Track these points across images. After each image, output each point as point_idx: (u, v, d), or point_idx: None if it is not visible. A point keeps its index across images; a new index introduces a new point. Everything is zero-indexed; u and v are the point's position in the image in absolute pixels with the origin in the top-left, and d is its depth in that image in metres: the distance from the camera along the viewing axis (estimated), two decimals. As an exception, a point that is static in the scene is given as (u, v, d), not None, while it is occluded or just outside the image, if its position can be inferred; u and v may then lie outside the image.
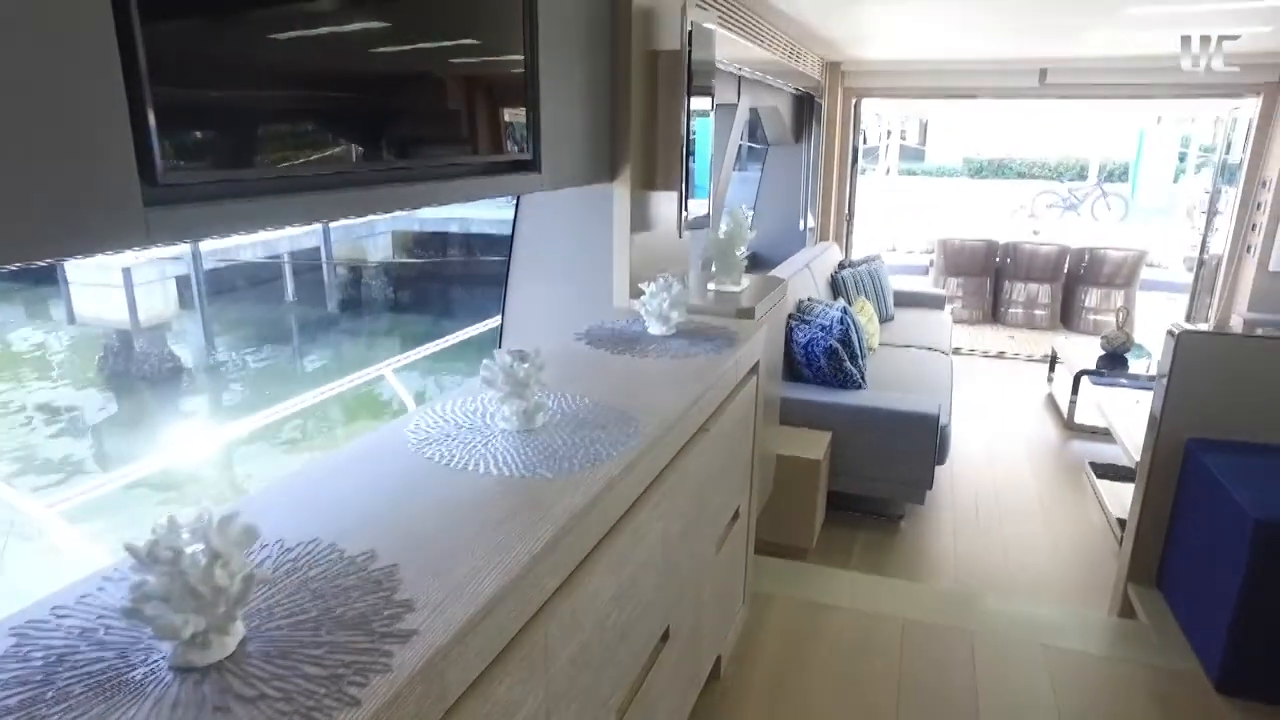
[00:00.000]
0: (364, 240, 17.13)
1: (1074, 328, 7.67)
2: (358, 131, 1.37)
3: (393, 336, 15.08)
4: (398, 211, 1.71)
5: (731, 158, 4.61)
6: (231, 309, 14.81)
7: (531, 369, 1.41)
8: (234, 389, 12.27)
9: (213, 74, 1.06)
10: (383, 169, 1.42)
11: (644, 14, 2.37)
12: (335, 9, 1.27)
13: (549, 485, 1.22)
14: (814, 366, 3.69)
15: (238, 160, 1.11)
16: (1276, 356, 2.51)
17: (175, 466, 9.64)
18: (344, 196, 1.32)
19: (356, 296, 17.03)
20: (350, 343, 15.02)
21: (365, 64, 1.35)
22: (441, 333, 13.53)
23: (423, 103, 1.53)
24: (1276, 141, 5.45)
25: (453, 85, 1.61)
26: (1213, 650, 2.32)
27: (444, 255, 17.24)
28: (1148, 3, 3.49)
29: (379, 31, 1.38)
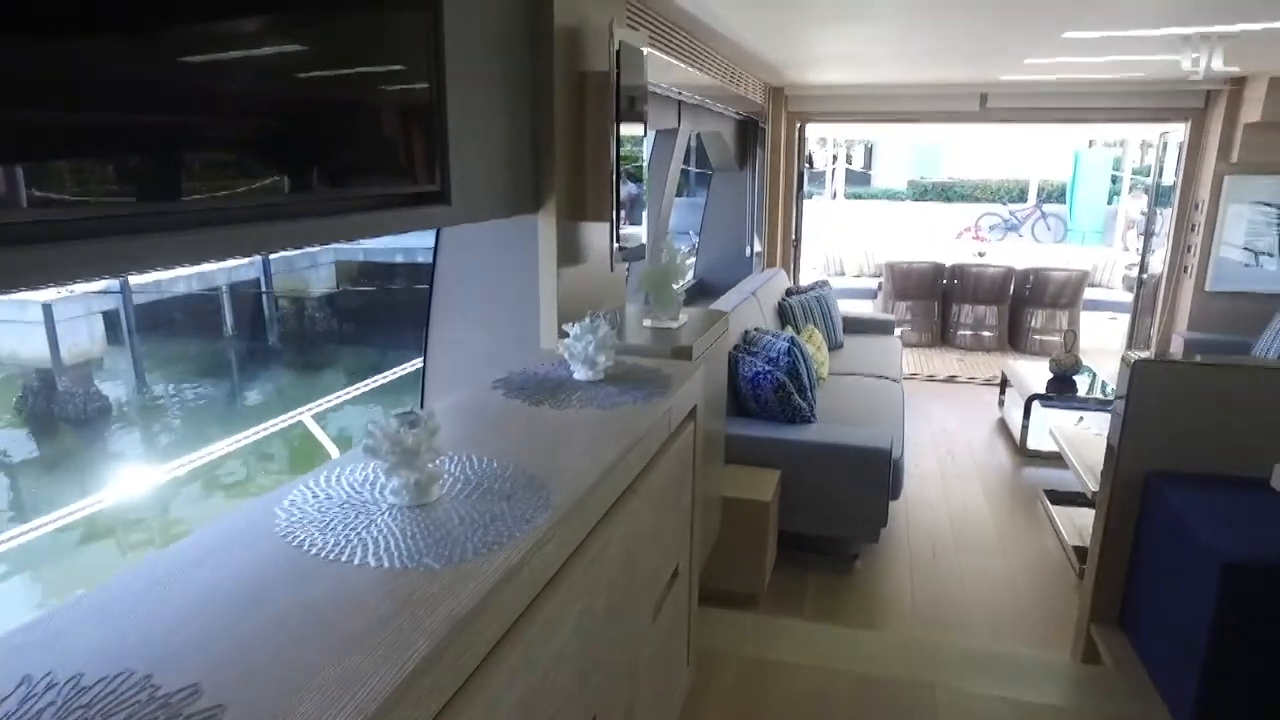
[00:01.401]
0: (307, 271, 16.70)
1: (1021, 349, 7.70)
2: (235, 162, 1.19)
3: (336, 370, 14.66)
4: (278, 252, 1.52)
5: (673, 184, 4.48)
6: (166, 344, 14.25)
7: (423, 434, 1.22)
8: (168, 428, 11.73)
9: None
10: (254, 206, 1.23)
11: (568, 34, 2.21)
12: (200, 33, 1.08)
13: (434, 580, 1.02)
14: (761, 401, 3.54)
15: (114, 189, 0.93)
16: (1234, 383, 2.42)
17: (104, 511, 9.13)
18: (202, 237, 1.13)
19: (299, 329, 16.56)
20: (292, 377, 14.55)
21: (244, 88, 1.17)
22: (388, 364, 13.17)
23: (307, 131, 1.34)
24: (1205, 166, 5.52)
25: (343, 112, 1.42)
26: (1182, 699, 2.19)
27: (390, 285, 16.89)
28: (1084, 29, 3.46)
29: (265, 57, 1.21)
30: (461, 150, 1.76)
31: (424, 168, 1.65)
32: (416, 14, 1.57)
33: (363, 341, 15.92)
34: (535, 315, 2.33)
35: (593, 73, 2.30)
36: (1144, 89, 5.47)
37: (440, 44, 1.63)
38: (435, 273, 2.41)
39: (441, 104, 1.66)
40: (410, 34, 1.58)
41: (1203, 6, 3.07)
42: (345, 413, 11.54)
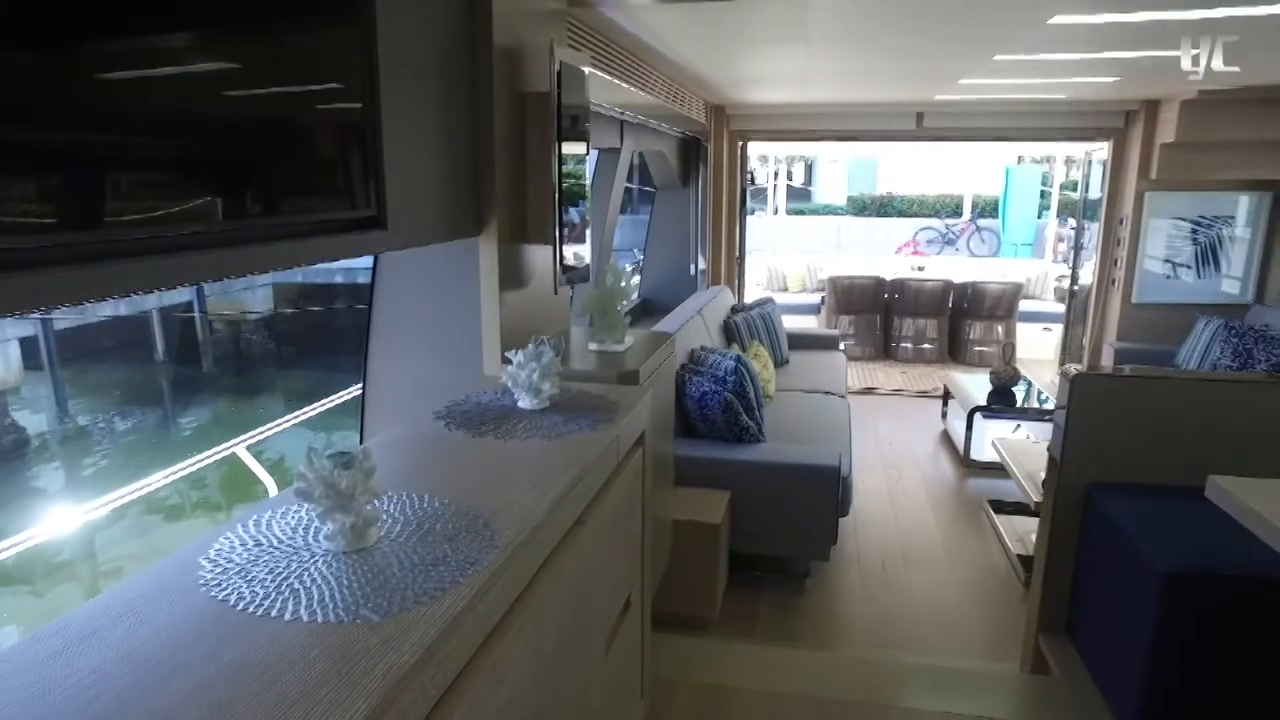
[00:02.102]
0: (243, 293, 16.22)
1: (961, 360, 7.86)
2: (161, 187, 1.12)
3: (274, 395, 14.23)
4: (208, 282, 1.44)
5: (617, 204, 4.46)
6: (92, 371, 13.67)
7: (358, 475, 1.15)
8: (94, 460, 11.21)
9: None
10: (184, 234, 1.16)
11: (508, 54, 2.17)
12: (119, 49, 1.02)
13: (372, 633, 0.96)
14: (709, 421, 3.52)
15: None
16: (1167, 394, 2.49)
17: (21, 554, 8.62)
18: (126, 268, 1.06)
19: (235, 353, 16.07)
20: (228, 403, 14.08)
21: (169, 107, 1.11)
22: (330, 389, 12.81)
23: (238, 155, 1.28)
24: (1127, 182, 5.74)
25: (275, 134, 1.36)
26: (1128, 708, 2.22)
27: (330, 306, 16.51)
28: (1014, 52, 3.56)
29: (191, 75, 1.15)
30: (399, 173, 1.70)
31: (360, 192, 1.59)
32: (347, 32, 1.51)
33: (302, 365, 15.51)
34: (477, 341, 2.27)
35: (533, 93, 2.27)
36: (1069, 109, 5.68)
37: (374, 63, 1.58)
38: (373, 298, 2.33)
39: (376, 126, 1.60)
40: (342, 53, 1.52)
41: (1114, 35, 3.19)
42: (285, 438, 11.18)
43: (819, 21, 3.04)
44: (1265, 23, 2.92)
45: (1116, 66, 4.07)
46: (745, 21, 3.08)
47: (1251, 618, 2.03)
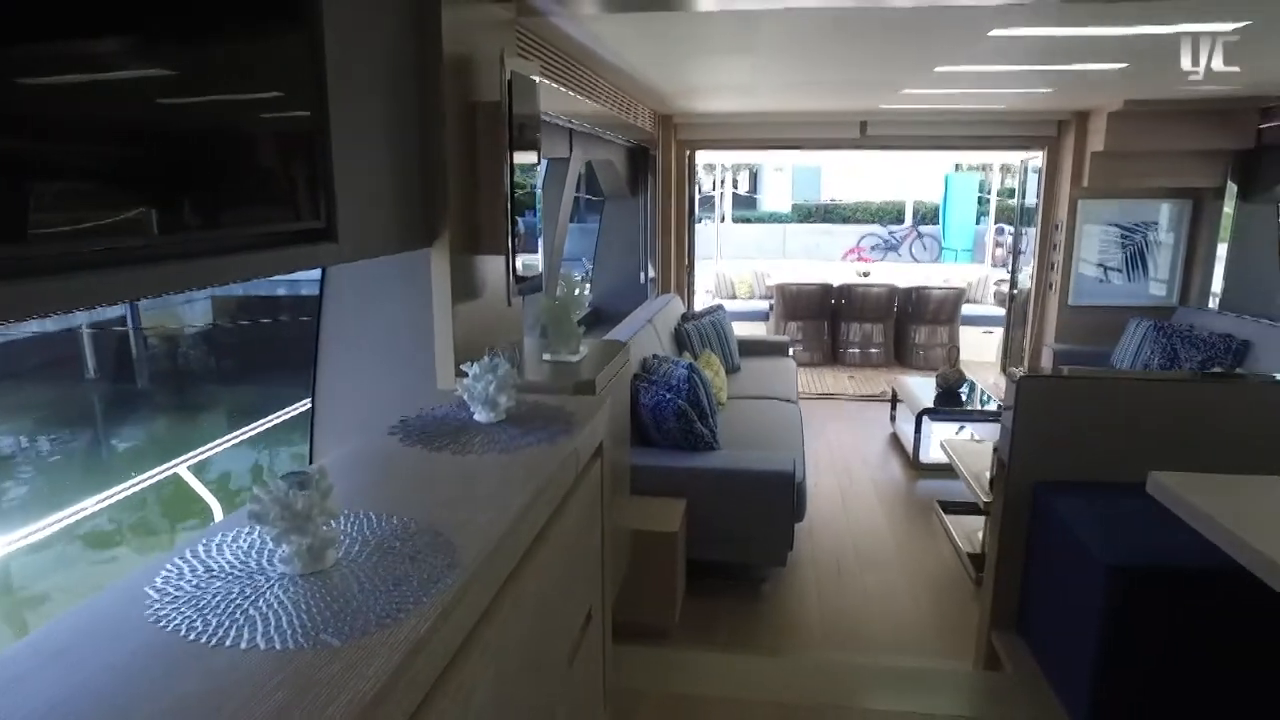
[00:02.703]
0: (180, 306, 15.69)
1: (907, 364, 8.03)
2: (92, 199, 1.07)
3: (217, 412, 13.79)
4: (147, 298, 1.38)
5: (567, 213, 4.45)
6: (14, 391, 13.06)
7: (314, 496, 1.12)
8: (17, 486, 10.69)
9: None
10: (116, 249, 1.11)
11: (459, 63, 2.15)
12: (43, 52, 0.97)
13: (334, 659, 0.93)
14: (664, 430, 3.52)
15: None
16: (1109, 394, 2.58)
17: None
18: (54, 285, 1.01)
19: (173, 369, 15.54)
20: (167, 421, 13.59)
21: (99, 114, 1.06)
22: (276, 404, 12.44)
23: (175, 165, 1.23)
24: (1062, 190, 5.95)
25: (215, 143, 1.32)
26: (1078, 700, 2.28)
27: (274, 318, 16.08)
28: (955, 64, 3.66)
29: (127, 82, 1.11)
30: (349, 184, 1.66)
31: (308, 203, 1.55)
32: (292, 38, 1.47)
33: (244, 381, 15.06)
34: (430, 354, 2.23)
35: (484, 102, 2.24)
36: (1006, 119, 5.86)
37: (322, 72, 1.54)
38: (322, 311, 2.28)
39: (325, 135, 1.57)
40: (288, 59, 1.48)
41: (1048, 49, 3.30)
42: (228, 457, 10.82)
43: (766, 33, 3.08)
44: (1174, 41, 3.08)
45: (1050, 78, 4.22)
46: (693, 32, 3.11)
47: (1193, 608, 2.11)
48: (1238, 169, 5.47)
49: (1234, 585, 1.73)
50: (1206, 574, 2.00)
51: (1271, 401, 2.62)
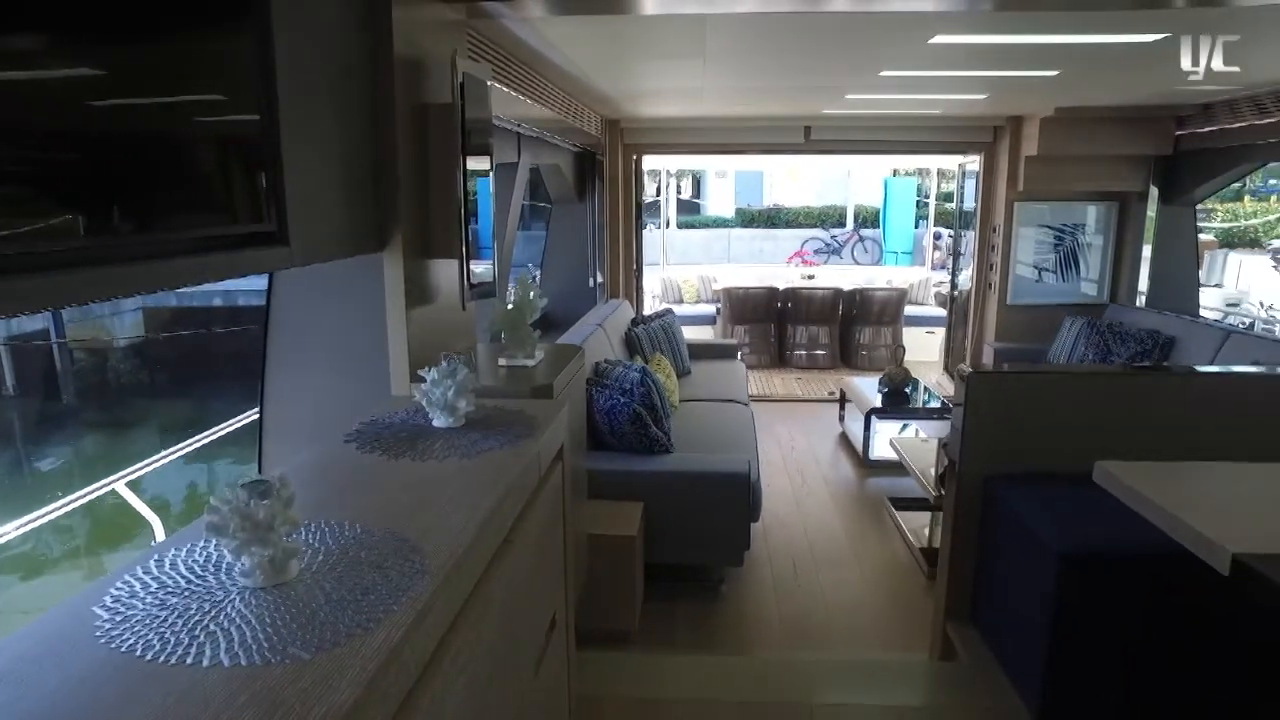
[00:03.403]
0: (108, 319, 15.07)
1: (853, 365, 8.16)
2: (15, 201, 1.02)
3: (150, 428, 13.28)
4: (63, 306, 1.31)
5: (515, 218, 4.41)
6: (-74, 411, 12.38)
7: (276, 505, 1.08)
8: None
9: None
10: (43, 253, 1.06)
11: (410, 64, 2.11)
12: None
13: (304, 672, 0.90)
14: (618, 433, 3.52)
15: None
16: (1054, 388, 2.66)
17: None
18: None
19: (101, 384, 14.92)
20: (96, 439, 13.04)
21: (51, 120, 1.01)
22: (215, 418, 12.01)
23: (127, 169, 1.18)
24: (998, 193, 6.13)
25: (155, 146, 1.27)
26: (1032, 685, 2.34)
27: (211, 330, 15.56)
28: (898, 69, 3.74)
29: (72, 81, 1.06)
30: (299, 187, 1.62)
31: (257, 206, 1.50)
32: (240, 37, 1.43)
33: (182, 394, 14.52)
34: (382, 361, 2.19)
35: (436, 104, 2.21)
36: (945, 124, 6.02)
37: (272, 73, 1.50)
38: (269, 318, 2.21)
39: (275, 137, 1.53)
40: (235, 59, 1.44)
41: (985, 55, 3.41)
42: (166, 474, 10.41)
43: (715, 37, 3.11)
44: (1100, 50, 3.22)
45: (986, 84, 4.35)
46: (643, 35, 3.12)
47: (1142, 592, 2.19)
48: (1159, 174, 5.72)
49: (1178, 568, 1.79)
50: (1153, 558, 2.07)
51: (1197, 392, 2.75)
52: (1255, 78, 4.07)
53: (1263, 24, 2.90)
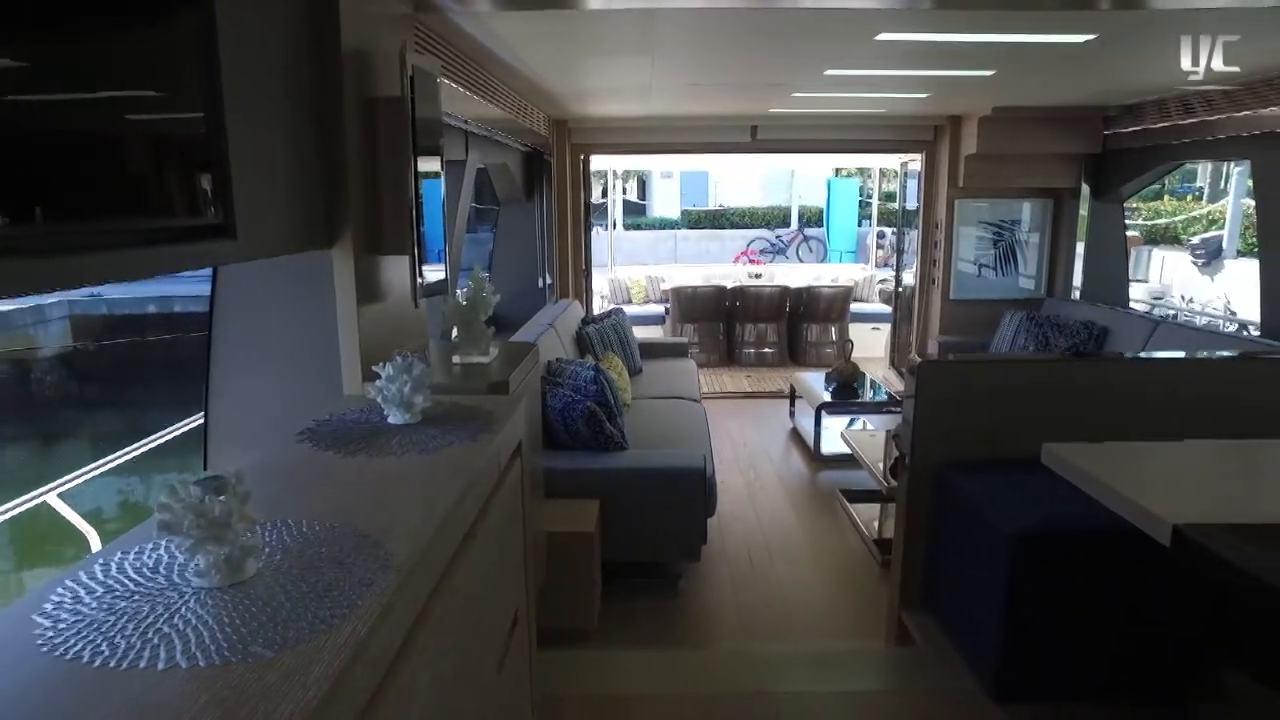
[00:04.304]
0: (32, 328, 14.42)
1: (801, 362, 8.27)
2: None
3: (79, 440, 12.74)
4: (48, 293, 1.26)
5: (465, 217, 4.36)
6: None
7: (232, 500, 1.05)
8: None
9: None
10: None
11: (358, 57, 2.07)
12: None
13: (269, 670, 0.87)
14: (573, 431, 3.50)
15: None
16: (1001, 375, 2.74)
17: None
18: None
19: (24, 396, 14.27)
20: (19, 453, 12.46)
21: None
22: (152, 427, 11.53)
23: (70, 162, 1.13)
24: (940, 191, 6.28)
25: (109, 139, 1.22)
26: (987, 665, 2.40)
27: (144, 337, 15.00)
28: (843, 67, 3.81)
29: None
30: (247, 180, 1.57)
31: (203, 200, 1.46)
32: (180, 34, 1.38)
33: (113, 404, 13.96)
34: (334, 359, 2.14)
35: (385, 98, 2.17)
36: (888, 123, 6.15)
37: (216, 66, 1.45)
38: (214, 317, 2.14)
39: (220, 129, 1.48)
40: (175, 56, 1.39)
41: (928, 54, 3.49)
42: (97, 488, 9.99)
43: (663, 34, 3.12)
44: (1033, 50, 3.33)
45: (928, 83, 4.46)
46: (592, 31, 3.11)
47: (1090, 569, 2.26)
48: (1089, 172, 5.94)
49: (1124, 543, 1.86)
50: (1100, 534, 2.14)
51: (1133, 377, 2.87)
52: (1176, 79, 4.25)
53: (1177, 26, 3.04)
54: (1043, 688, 2.35)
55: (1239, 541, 1.52)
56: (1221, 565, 1.49)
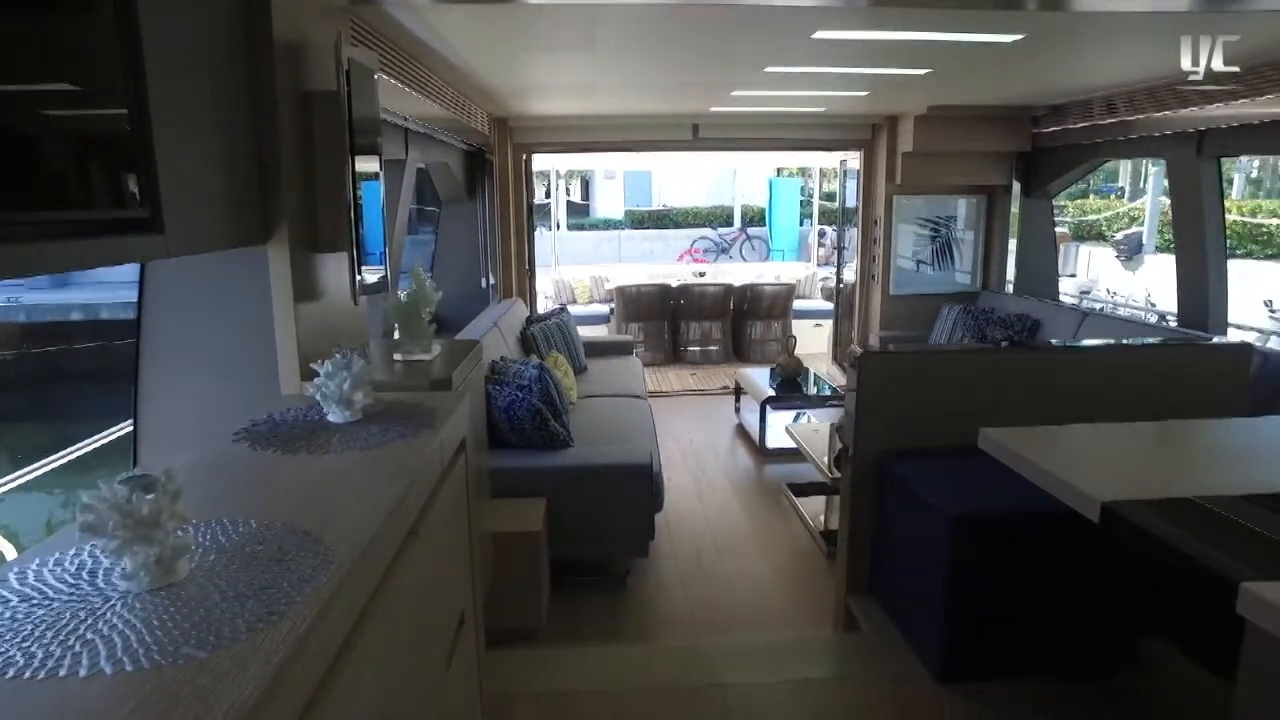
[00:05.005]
0: (-65, 340, 13.69)
1: (745, 359, 8.35)
2: None
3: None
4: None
5: (405, 215, 4.29)
6: None
7: (162, 499, 1.01)
8: None
9: None
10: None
11: (291, 49, 2.02)
12: None
13: (202, 672, 0.84)
14: (518, 430, 3.47)
15: None
16: (939, 366, 2.81)
17: None
18: None
19: (-69, 410, 13.54)
20: (-72, 468, 11.80)
21: None
22: (74, 437, 11.05)
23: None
24: (878, 188, 6.41)
25: (22, 133, 1.17)
26: (930, 647, 2.46)
27: (70, 345, 14.37)
28: (782, 65, 3.85)
29: None
30: (175, 174, 1.51)
31: (129, 192, 1.40)
32: (97, 23, 1.33)
33: (28, 418, 13.36)
34: (270, 359, 2.07)
35: (320, 92, 2.12)
36: (827, 122, 6.25)
37: (139, 57, 1.40)
38: (143, 317, 2.06)
39: (144, 121, 1.42)
40: (94, 46, 1.34)
41: (865, 52, 3.56)
42: (15, 504, 9.53)
43: (604, 29, 3.11)
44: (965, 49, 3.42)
45: (865, 82, 4.54)
46: (533, 26, 3.09)
47: (1028, 548, 2.34)
48: (1020, 169, 6.13)
49: (1057, 523, 1.93)
50: (1035, 516, 2.21)
51: (1061, 365, 2.99)
52: (1098, 80, 4.42)
53: (1106, 29, 3.16)
54: (984, 667, 2.41)
55: (1162, 516, 1.58)
56: (1146, 539, 1.55)
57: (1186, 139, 4.31)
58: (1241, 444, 2.21)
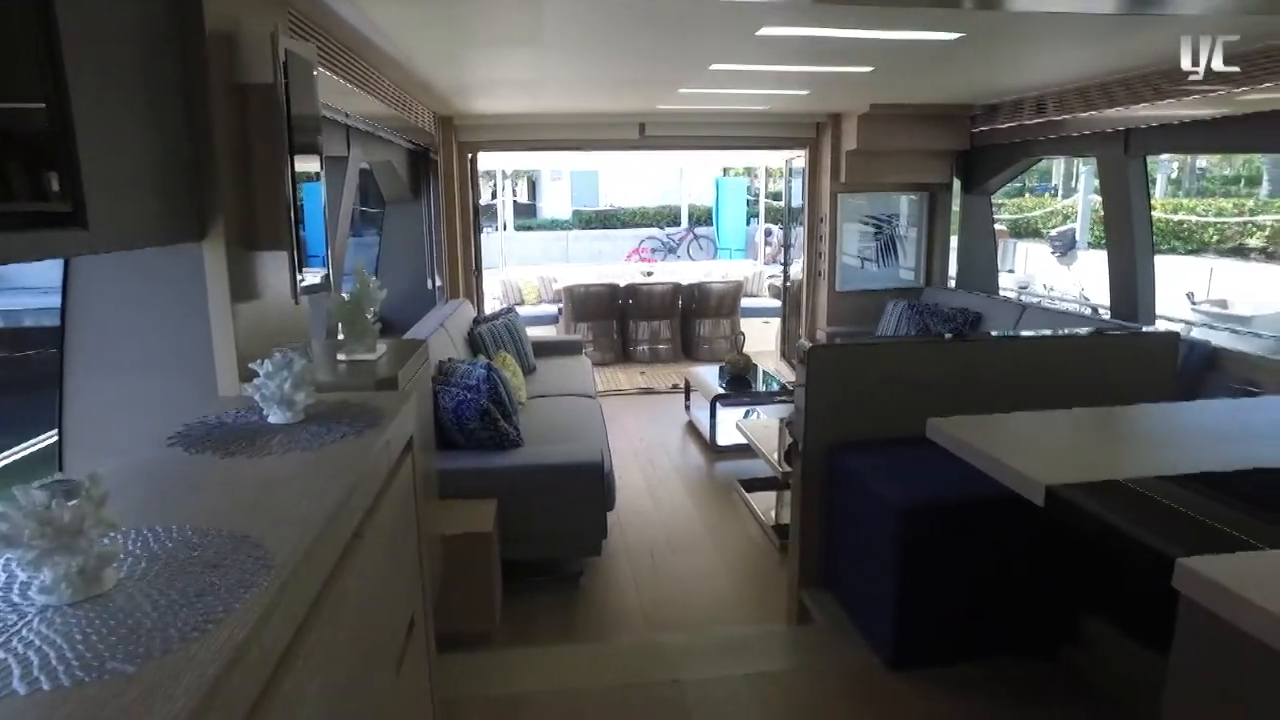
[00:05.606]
0: None
1: (694, 357, 8.38)
2: None
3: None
4: None
5: (348, 214, 4.19)
6: None
7: (86, 504, 0.95)
8: None
9: None
10: None
11: (224, 40, 1.94)
12: None
13: (130, 687, 0.79)
14: (467, 431, 3.41)
15: None
16: (886, 358, 2.85)
17: None
18: None
19: None
20: None
21: None
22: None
23: None
24: (823, 186, 6.50)
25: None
26: (882, 635, 2.49)
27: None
28: (728, 62, 3.87)
29: None
30: (99, 165, 1.44)
31: (49, 185, 1.33)
32: (14, 6, 1.26)
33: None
34: (207, 361, 2.00)
35: (256, 85, 2.05)
36: (772, 121, 6.30)
37: (56, 45, 1.33)
38: (67, 318, 1.97)
39: (64, 110, 1.35)
40: (7, 28, 1.26)
41: (809, 50, 3.60)
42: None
43: (550, 23, 3.08)
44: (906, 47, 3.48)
45: (809, 80, 4.59)
46: (477, 19, 3.04)
47: (975, 534, 2.38)
48: (959, 167, 6.27)
49: (1003, 509, 1.96)
50: (981, 503, 2.25)
51: (1002, 355, 3.08)
52: (1034, 79, 4.54)
53: (1039, 28, 3.24)
54: (934, 653, 2.45)
55: (1102, 498, 1.63)
56: (1088, 520, 1.59)
57: (1114, 138, 4.46)
58: (1173, 426, 2.30)
